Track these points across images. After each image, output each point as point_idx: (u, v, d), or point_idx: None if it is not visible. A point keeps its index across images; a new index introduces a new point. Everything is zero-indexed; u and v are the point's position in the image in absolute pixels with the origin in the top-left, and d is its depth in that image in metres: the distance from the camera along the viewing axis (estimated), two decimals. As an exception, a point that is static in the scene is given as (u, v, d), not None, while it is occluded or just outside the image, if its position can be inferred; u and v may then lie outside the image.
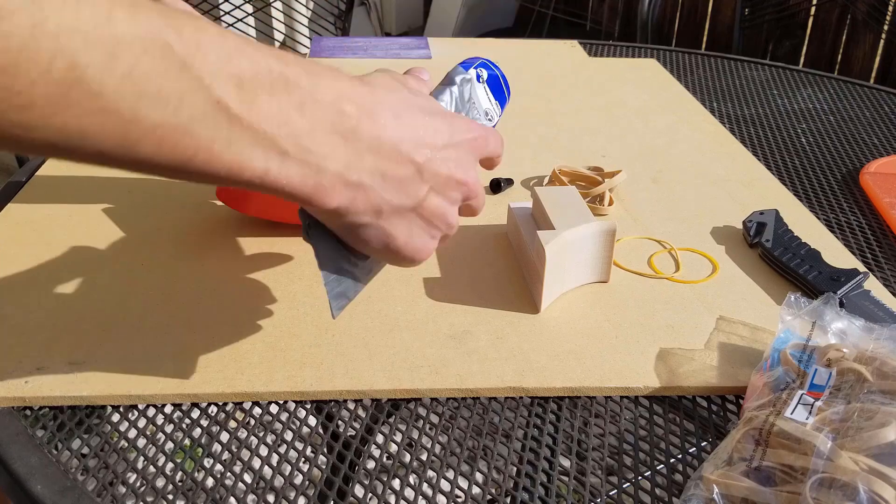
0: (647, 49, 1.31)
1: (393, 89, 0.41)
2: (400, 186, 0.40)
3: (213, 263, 0.63)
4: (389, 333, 0.56)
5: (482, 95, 0.53)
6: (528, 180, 0.80)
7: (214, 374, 0.51)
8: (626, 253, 0.68)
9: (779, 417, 0.42)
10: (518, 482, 0.46)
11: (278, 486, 0.45)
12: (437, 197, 0.42)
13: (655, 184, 0.81)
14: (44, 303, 0.58)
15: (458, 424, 0.50)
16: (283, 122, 0.35)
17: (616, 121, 0.98)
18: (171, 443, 0.48)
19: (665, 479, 0.46)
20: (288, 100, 0.35)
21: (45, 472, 0.45)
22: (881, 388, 0.43)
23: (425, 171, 0.41)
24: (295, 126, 0.35)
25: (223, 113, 0.32)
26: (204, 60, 0.31)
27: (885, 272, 0.68)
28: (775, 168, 0.88)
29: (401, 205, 0.41)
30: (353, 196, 0.38)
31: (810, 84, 1.17)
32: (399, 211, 0.41)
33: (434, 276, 0.63)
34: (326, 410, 0.51)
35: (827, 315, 0.50)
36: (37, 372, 0.51)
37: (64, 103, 0.28)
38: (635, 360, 0.54)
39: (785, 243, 0.66)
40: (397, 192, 0.40)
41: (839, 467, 0.38)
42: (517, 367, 0.53)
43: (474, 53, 0.68)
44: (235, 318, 0.57)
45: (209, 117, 0.32)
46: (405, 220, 0.42)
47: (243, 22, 1.55)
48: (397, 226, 0.41)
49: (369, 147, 0.38)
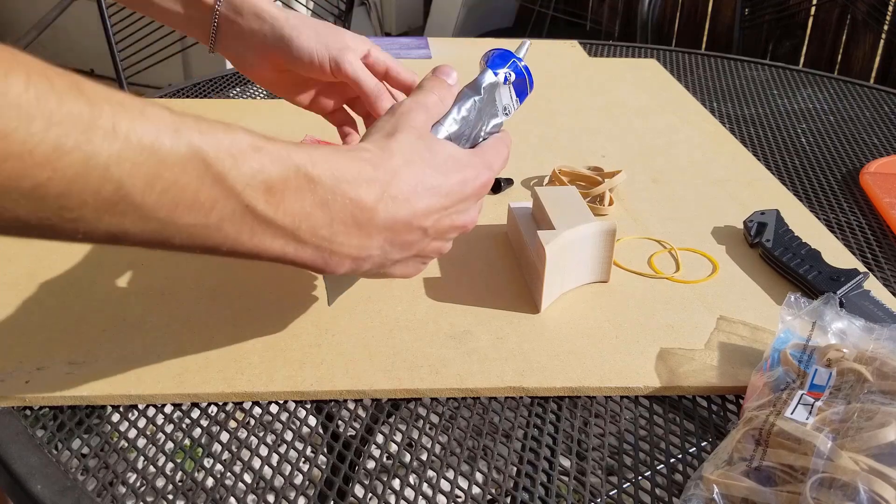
0: (647, 49, 1.31)
1: (411, 161, 0.44)
2: (404, 247, 0.45)
3: (213, 263, 0.63)
4: (389, 333, 0.56)
5: (505, 94, 0.54)
6: (528, 180, 0.80)
7: (214, 374, 0.51)
8: (626, 253, 0.68)
9: (779, 417, 0.42)
10: (518, 482, 0.46)
11: (278, 486, 0.45)
12: (436, 242, 0.47)
13: (655, 184, 0.81)
14: (44, 303, 0.58)
15: (458, 424, 0.50)
16: (305, 217, 0.39)
17: (616, 121, 0.98)
18: (171, 443, 0.48)
19: (665, 479, 0.46)
20: (312, 198, 0.39)
21: (45, 472, 0.45)
22: (881, 388, 0.43)
23: (430, 231, 0.45)
24: (315, 221, 0.39)
25: (251, 214, 0.37)
26: (238, 172, 0.36)
27: (885, 272, 0.68)
28: (775, 168, 0.88)
29: (402, 258, 0.46)
30: (360, 264, 0.43)
31: (810, 84, 1.17)
32: (401, 261, 0.46)
33: (434, 276, 0.63)
34: (326, 410, 0.51)
35: (827, 315, 0.50)
36: (37, 372, 0.51)
37: (108, 215, 0.32)
38: (635, 360, 0.54)
39: (785, 243, 0.66)
40: (400, 251, 0.45)
41: (839, 467, 0.38)
42: (517, 367, 0.53)
43: (474, 54, 0.68)
44: (235, 318, 0.57)
45: (237, 217, 0.36)
46: (404, 262, 0.47)
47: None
48: (398, 268, 0.47)
49: (383, 228, 0.42)
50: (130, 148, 0.32)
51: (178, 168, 0.33)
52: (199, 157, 0.34)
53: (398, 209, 0.43)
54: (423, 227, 0.44)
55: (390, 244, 0.43)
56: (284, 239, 0.39)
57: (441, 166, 0.45)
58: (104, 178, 0.31)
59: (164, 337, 0.55)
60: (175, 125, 0.34)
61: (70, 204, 0.31)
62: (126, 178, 0.32)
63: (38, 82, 0.29)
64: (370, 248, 0.43)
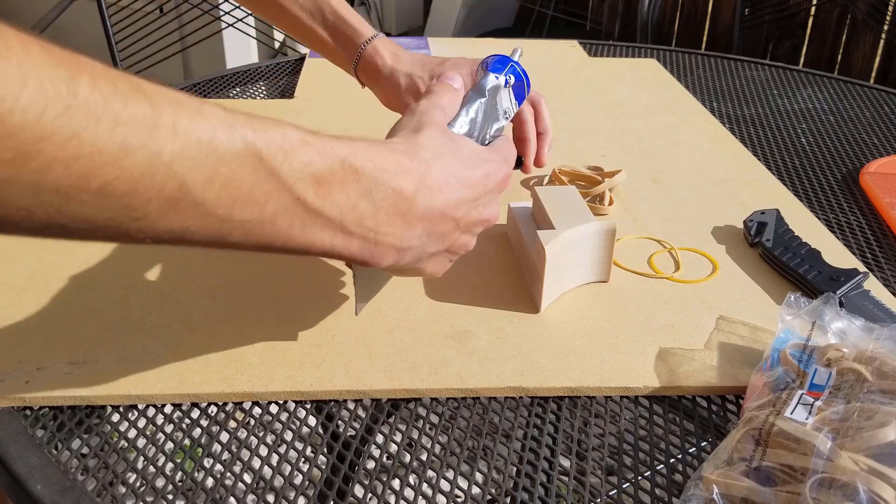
0: (647, 49, 1.31)
1: (440, 154, 0.45)
2: (440, 239, 0.46)
3: (212, 263, 0.63)
4: (389, 333, 0.56)
5: (505, 98, 0.56)
6: (528, 180, 0.80)
7: (214, 374, 0.51)
8: (626, 253, 0.68)
9: (779, 417, 0.42)
10: (518, 482, 0.46)
11: (278, 486, 0.45)
12: (465, 236, 0.48)
13: (655, 184, 0.81)
14: (44, 303, 0.58)
15: (458, 424, 0.50)
16: (351, 208, 0.40)
17: (616, 121, 0.98)
18: (171, 443, 0.48)
19: (665, 479, 0.46)
20: (356, 188, 0.40)
21: (45, 472, 0.45)
22: (881, 387, 0.43)
23: (461, 223, 0.47)
24: (360, 211, 0.41)
25: (302, 207, 0.38)
26: (289, 166, 0.37)
27: (885, 272, 0.68)
28: (775, 168, 0.88)
29: (437, 251, 0.47)
30: (402, 256, 0.44)
31: (810, 84, 1.17)
32: (435, 254, 0.47)
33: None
34: (326, 410, 0.51)
35: (827, 315, 0.50)
36: (37, 372, 0.51)
37: (171, 213, 0.33)
38: (635, 360, 0.54)
39: (785, 243, 0.66)
40: (436, 243, 0.46)
41: (839, 467, 0.38)
42: (517, 367, 0.53)
43: (474, 54, 0.68)
44: (235, 318, 0.57)
45: (290, 211, 0.38)
46: (436, 258, 0.48)
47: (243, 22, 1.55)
48: (429, 263, 0.48)
49: (422, 218, 0.44)
50: (190, 146, 0.33)
51: (234, 164, 0.34)
52: (254, 152, 0.35)
53: (434, 199, 0.44)
54: (456, 218, 0.46)
55: (428, 235, 0.45)
56: (333, 231, 0.40)
57: (466, 160, 0.47)
58: (167, 176, 0.32)
59: (164, 337, 0.55)
60: (229, 122, 0.35)
61: (135, 203, 0.32)
62: (188, 175, 0.33)
63: (103, 84, 0.30)
64: (411, 239, 0.44)
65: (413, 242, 0.44)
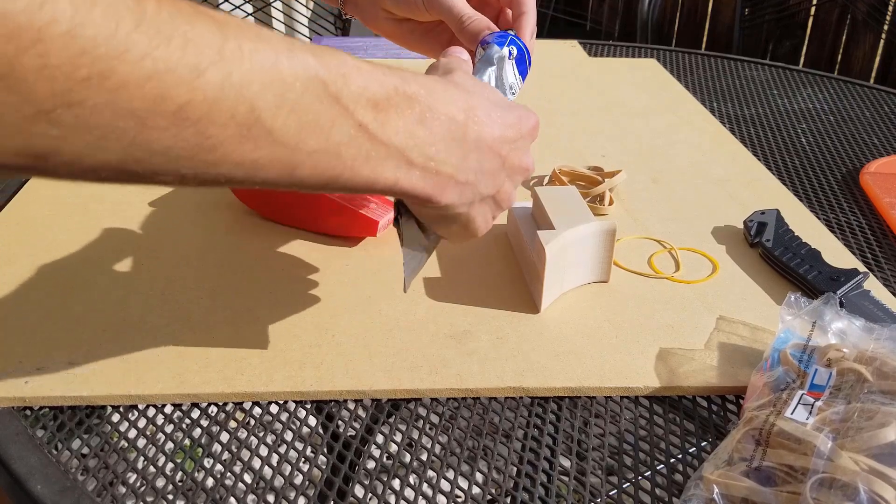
0: (647, 49, 1.31)
1: (474, 90, 0.45)
2: (491, 178, 0.45)
3: (212, 263, 0.63)
4: (389, 333, 0.56)
5: (510, 71, 0.56)
6: (528, 180, 0.80)
7: (214, 374, 0.51)
8: (626, 253, 0.68)
9: (779, 417, 0.42)
10: (518, 482, 0.46)
11: (278, 486, 0.45)
12: (509, 182, 0.48)
13: (655, 184, 0.81)
14: (44, 303, 0.58)
15: (458, 424, 0.50)
16: (410, 135, 0.40)
17: (616, 121, 0.98)
18: (171, 443, 0.48)
19: (665, 479, 0.46)
20: (412, 114, 0.40)
21: (45, 472, 0.45)
22: (881, 388, 0.43)
23: (507, 162, 0.46)
24: (419, 138, 0.40)
25: (364, 134, 0.37)
26: (349, 91, 0.36)
27: (885, 272, 0.68)
28: (775, 168, 0.88)
29: (488, 194, 0.46)
30: (461, 192, 0.44)
31: (810, 84, 1.17)
32: (485, 199, 0.47)
33: (434, 276, 0.63)
34: (326, 410, 0.51)
35: (827, 315, 0.50)
36: (37, 372, 0.51)
37: (244, 141, 0.33)
38: (635, 360, 0.54)
39: (785, 243, 0.66)
40: (487, 184, 0.45)
41: (839, 467, 0.38)
42: (517, 367, 0.53)
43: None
44: (235, 317, 0.57)
45: (353, 140, 0.37)
46: (485, 205, 0.47)
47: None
48: (479, 212, 0.47)
49: (474, 147, 0.43)
50: (256, 69, 0.32)
51: (299, 88, 0.34)
52: (318, 77, 0.35)
53: (482, 129, 0.43)
54: (502, 155, 0.45)
55: (481, 171, 0.44)
56: (396, 162, 0.39)
57: (500, 102, 0.46)
58: (238, 100, 0.32)
59: (164, 337, 0.55)
60: (289, 47, 0.34)
61: (209, 130, 0.31)
62: (257, 100, 0.32)
63: (168, 5, 0.29)
64: (468, 172, 0.43)
65: (469, 176, 0.44)
